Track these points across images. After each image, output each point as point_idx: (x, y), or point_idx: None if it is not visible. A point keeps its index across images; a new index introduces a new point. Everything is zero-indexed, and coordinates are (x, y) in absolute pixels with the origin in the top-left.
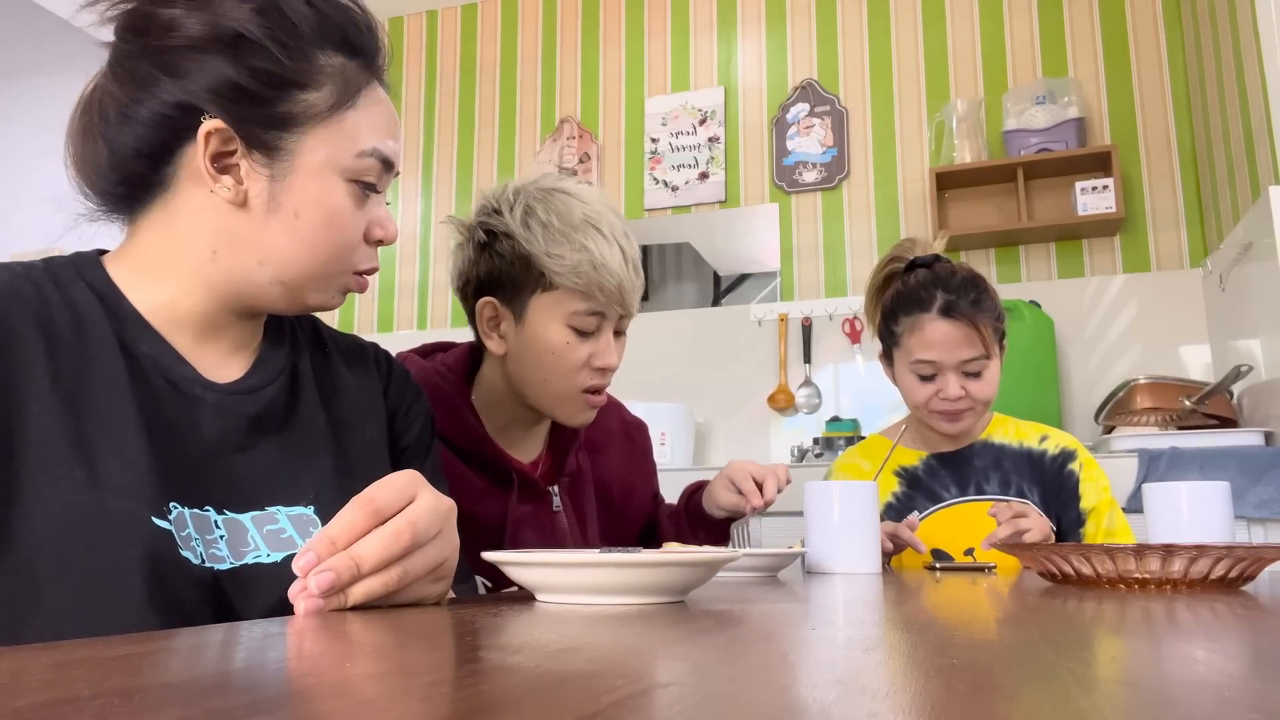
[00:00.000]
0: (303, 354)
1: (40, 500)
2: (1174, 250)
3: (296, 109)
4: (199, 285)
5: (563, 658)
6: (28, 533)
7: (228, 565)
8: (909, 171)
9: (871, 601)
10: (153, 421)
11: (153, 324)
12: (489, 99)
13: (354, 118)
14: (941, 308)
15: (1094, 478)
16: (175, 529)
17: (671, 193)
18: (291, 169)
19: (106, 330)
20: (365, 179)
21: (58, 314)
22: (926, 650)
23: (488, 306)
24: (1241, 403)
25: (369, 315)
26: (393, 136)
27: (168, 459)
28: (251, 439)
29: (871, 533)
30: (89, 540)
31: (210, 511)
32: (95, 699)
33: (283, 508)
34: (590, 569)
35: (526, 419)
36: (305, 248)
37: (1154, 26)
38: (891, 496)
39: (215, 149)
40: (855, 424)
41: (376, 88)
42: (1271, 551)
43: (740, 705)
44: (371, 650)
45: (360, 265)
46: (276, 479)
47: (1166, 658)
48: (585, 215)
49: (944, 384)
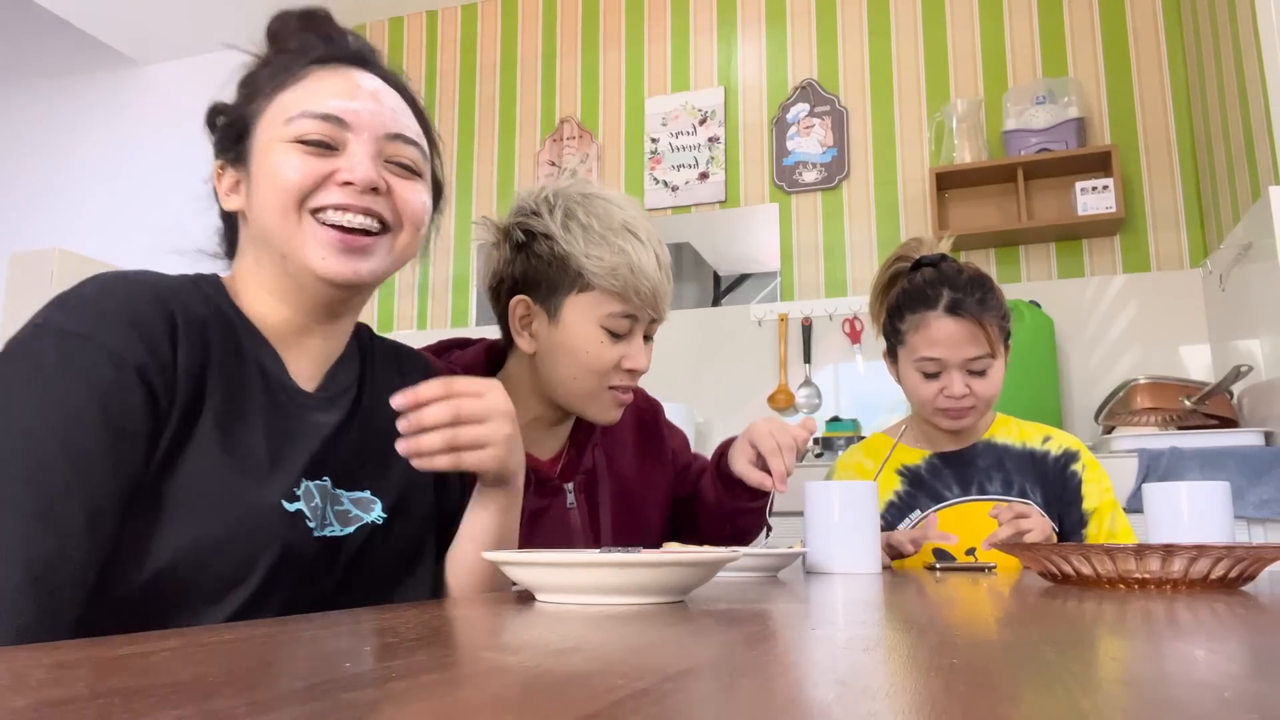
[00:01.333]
0: (369, 365)
1: (199, 463)
2: (1174, 250)
3: (248, 115)
4: (264, 291)
5: (563, 658)
6: (182, 488)
7: (344, 531)
8: (909, 171)
9: (871, 601)
10: (271, 424)
11: (263, 334)
12: (489, 99)
13: (287, 96)
14: (947, 305)
15: (1097, 479)
16: (305, 502)
17: (671, 193)
18: (252, 159)
19: (238, 340)
20: (303, 137)
21: (213, 321)
22: (926, 650)
23: (521, 305)
24: (1241, 403)
25: (369, 315)
26: (337, 96)
27: (290, 453)
28: (323, 440)
29: (871, 533)
30: (230, 508)
31: (327, 482)
32: (95, 699)
33: (345, 492)
34: (590, 569)
35: (551, 417)
36: (266, 211)
37: (1154, 26)
38: (894, 495)
39: (225, 184)
40: (855, 424)
41: (329, 70)
42: (1271, 551)
43: (740, 705)
44: (371, 650)
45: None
46: (346, 469)
47: (1166, 658)
48: (624, 220)
49: (948, 382)
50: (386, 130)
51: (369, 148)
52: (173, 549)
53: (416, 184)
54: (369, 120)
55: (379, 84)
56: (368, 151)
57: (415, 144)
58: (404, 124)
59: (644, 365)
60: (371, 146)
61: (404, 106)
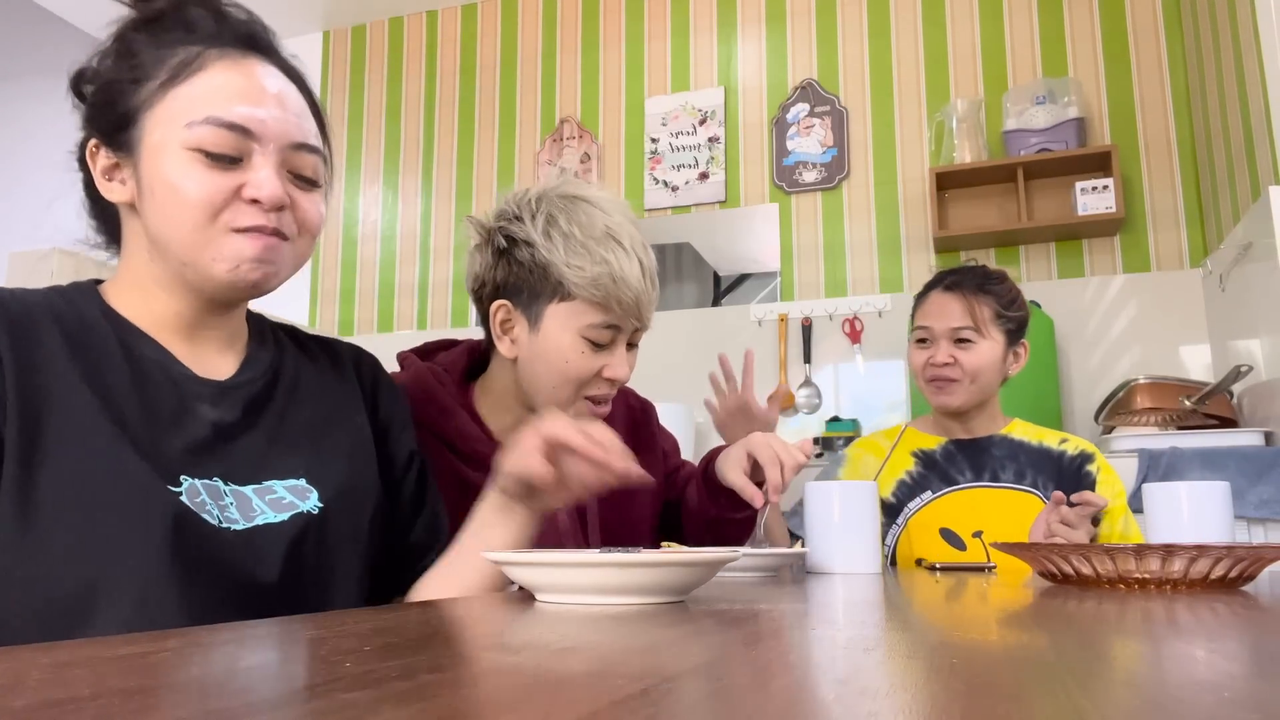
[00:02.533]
0: (286, 354)
1: (68, 458)
2: (1174, 250)
3: (134, 102)
4: (158, 288)
5: (563, 658)
6: (55, 489)
7: (242, 526)
8: (909, 171)
9: (871, 601)
10: (158, 413)
11: (146, 330)
12: (489, 99)
13: (184, 92)
14: (946, 284)
15: (1110, 483)
16: (188, 496)
17: (671, 193)
18: (141, 156)
19: (111, 337)
20: (206, 148)
21: (68, 318)
22: (926, 650)
23: (502, 310)
24: (1241, 403)
25: (369, 315)
26: (242, 101)
27: (175, 442)
28: (245, 425)
29: (872, 533)
30: (114, 497)
31: (218, 482)
32: (95, 699)
33: (278, 481)
34: (590, 569)
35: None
36: (170, 225)
37: (1154, 26)
38: (905, 475)
39: (100, 165)
40: (855, 424)
41: (228, 62)
42: (1271, 551)
43: (740, 705)
44: (371, 650)
45: (240, 223)
46: (271, 458)
47: (1166, 658)
48: (607, 227)
49: (934, 351)
50: (291, 140)
51: (273, 159)
52: (58, 560)
53: (315, 195)
54: (275, 130)
55: (282, 82)
56: (272, 164)
57: (316, 151)
58: (306, 130)
59: (624, 375)
60: (275, 158)
61: (304, 107)
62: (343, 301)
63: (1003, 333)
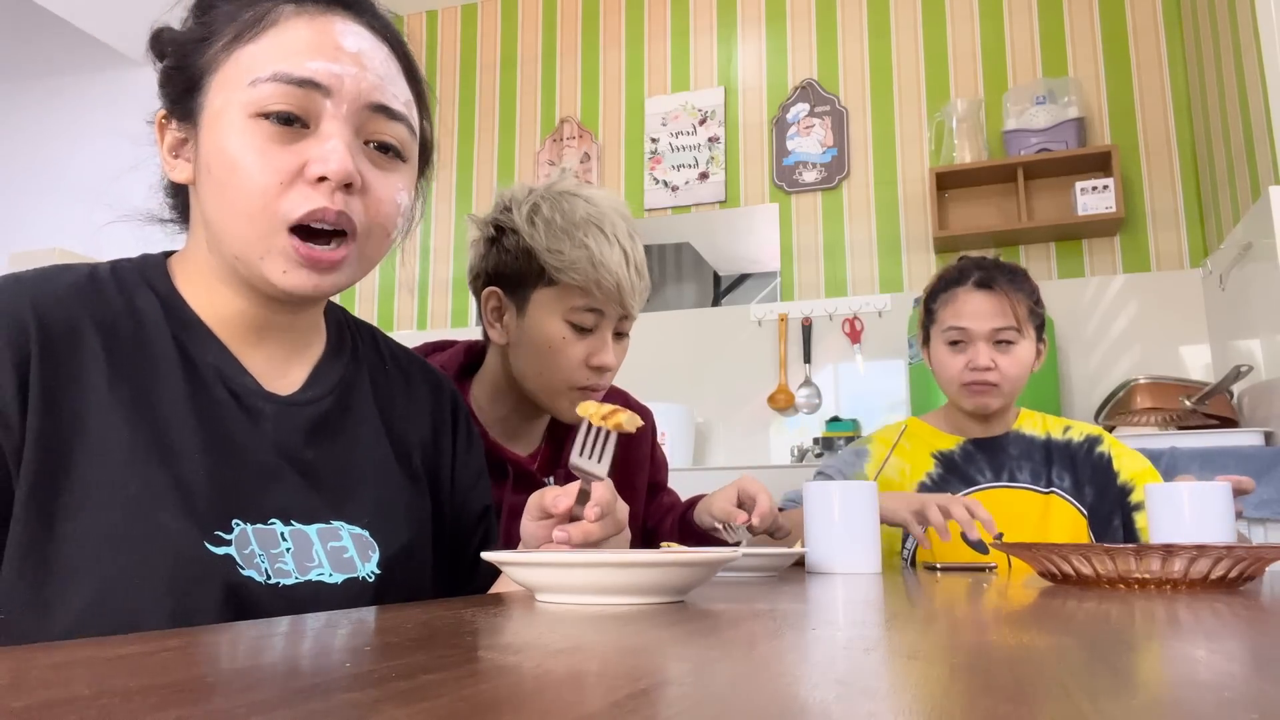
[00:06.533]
0: (361, 368)
1: (95, 511)
2: (1174, 250)
3: (201, 64)
4: (218, 281)
5: (563, 658)
6: (76, 549)
7: (294, 580)
8: (909, 171)
9: (871, 601)
10: (214, 434)
11: (213, 329)
12: (489, 99)
13: (251, 50)
14: (977, 281)
15: (1128, 453)
16: (237, 548)
17: (671, 193)
18: (202, 126)
19: (168, 338)
20: (269, 108)
21: (120, 321)
22: (926, 650)
23: (492, 297)
24: (1241, 403)
25: (369, 315)
26: (314, 55)
27: (231, 472)
28: (311, 450)
29: (872, 533)
30: (144, 560)
31: (276, 524)
32: (95, 699)
33: (345, 524)
34: (590, 569)
35: (526, 410)
36: (222, 212)
37: (1154, 26)
38: (926, 478)
39: (168, 140)
40: (855, 424)
41: (303, 17)
42: (1271, 551)
43: (740, 705)
44: (371, 651)
45: (296, 212)
46: (338, 492)
47: (1166, 658)
48: (588, 214)
49: (974, 354)
50: (369, 100)
51: (347, 125)
52: (75, 611)
53: (395, 177)
54: (350, 88)
55: (367, 41)
56: (345, 132)
57: (402, 120)
58: (391, 93)
59: (611, 362)
60: (350, 124)
61: (395, 71)
62: (343, 301)
63: (1034, 329)
